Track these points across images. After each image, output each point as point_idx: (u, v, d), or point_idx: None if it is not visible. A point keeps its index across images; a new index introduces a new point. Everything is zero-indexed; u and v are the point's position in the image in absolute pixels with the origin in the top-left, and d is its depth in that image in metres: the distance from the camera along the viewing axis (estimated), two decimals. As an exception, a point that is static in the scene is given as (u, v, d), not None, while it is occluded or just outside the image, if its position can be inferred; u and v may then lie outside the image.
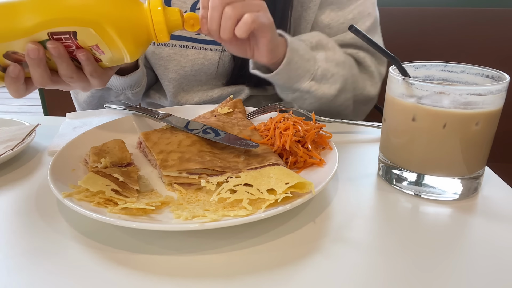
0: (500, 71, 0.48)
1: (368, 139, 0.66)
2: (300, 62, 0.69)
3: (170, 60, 0.81)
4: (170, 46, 0.80)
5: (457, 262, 0.39)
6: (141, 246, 0.41)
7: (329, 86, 0.73)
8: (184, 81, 0.83)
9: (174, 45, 0.80)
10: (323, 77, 0.71)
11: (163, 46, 0.81)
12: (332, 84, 0.73)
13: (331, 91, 0.73)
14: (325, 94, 0.72)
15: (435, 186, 0.48)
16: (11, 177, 0.55)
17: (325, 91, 0.72)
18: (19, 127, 0.66)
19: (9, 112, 3.48)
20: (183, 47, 0.80)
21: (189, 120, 0.61)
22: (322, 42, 0.74)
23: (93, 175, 0.48)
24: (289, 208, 0.41)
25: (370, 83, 0.83)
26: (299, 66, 0.69)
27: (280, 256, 0.39)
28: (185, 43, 0.80)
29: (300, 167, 0.53)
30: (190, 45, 0.80)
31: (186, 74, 0.82)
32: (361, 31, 0.51)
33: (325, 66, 0.71)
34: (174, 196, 0.48)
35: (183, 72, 0.82)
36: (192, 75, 0.82)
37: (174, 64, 0.81)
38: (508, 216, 0.46)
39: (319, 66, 0.71)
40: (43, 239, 0.42)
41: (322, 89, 0.72)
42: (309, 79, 0.71)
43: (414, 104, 0.46)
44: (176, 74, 0.82)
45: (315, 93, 0.72)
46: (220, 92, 0.84)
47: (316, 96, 0.72)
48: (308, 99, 0.73)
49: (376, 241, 0.42)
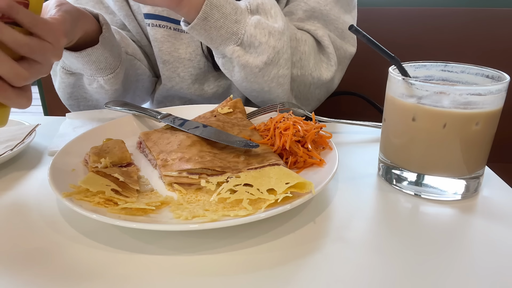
0: (500, 71, 0.48)
1: (368, 139, 0.66)
2: (222, 22, 0.64)
3: (164, 42, 0.81)
4: (165, 28, 0.80)
5: (457, 262, 0.39)
6: (141, 246, 0.41)
7: (256, 55, 0.67)
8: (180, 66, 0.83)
9: (168, 27, 0.80)
10: (250, 43, 0.66)
11: (157, 28, 0.80)
12: (260, 54, 0.67)
13: (256, 62, 0.67)
14: (249, 63, 0.67)
15: (435, 186, 0.48)
16: (11, 177, 0.55)
17: (250, 60, 0.67)
18: (19, 127, 0.66)
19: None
20: (177, 31, 0.80)
21: (189, 121, 0.61)
22: (265, 7, 0.68)
23: (93, 175, 0.48)
24: (289, 208, 0.41)
25: (325, 66, 0.78)
26: (221, 25, 0.64)
27: (280, 256, 0.39)
28: (179, 26, 0.80)
29: (300, 167, 0.53)
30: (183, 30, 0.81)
31: (180, 56, 0.82)
32: (361, 31, 0.51)
33: (253, 32, 0.66)
34: (174, 196, 0.48)
35: (177, 55, 0.82)
36: (187, 58, 0.82)
37: (168, 46, 0.81)
38: (508, 216, 0.46)
39: (246, 31, 0.65)
40: (43, 239, 0.42)
41: (246, 57, 0.67)
42: (235, 43, 0.66)
43: (414, 104, 0.46)
44: (169, 56, 0.82)
45: (239, 60, 0.67)
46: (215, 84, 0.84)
47: (240, 63, 0.67)
48: (236, 67, 0.68)
49: (376, 241, 0.42)
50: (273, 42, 0.67)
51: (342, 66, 0.83)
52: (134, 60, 0.81)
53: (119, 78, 0.73)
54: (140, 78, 0.84)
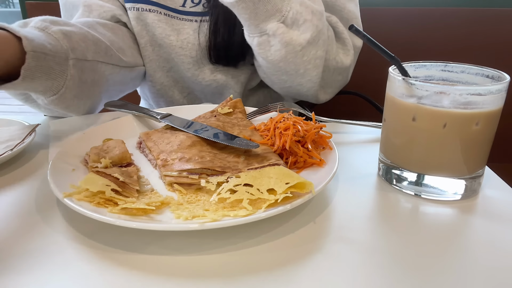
0: (500, 71, 0.48)
1: (368, 139, 0.66)
2: None
3: (156, 27, 0.80)
4: (155, 13, 0.79)
5: (457, 262, 0.39)
6: (141, 246, 0.41)
7: (299, 33, 0.66)
8: (172, 52, 0.82)
9: (159, 12, 0.80)
10: (294, 21, 0.65)
11: (147, 12, 0.79)
12: (303, 32, 0.66)
13: (299, 39, 0.66)
14: (293, 40, 0.66)
15: (435, 186, 0.48)
16: (11, 177, 0.55)
17: (294, 37, 0.66)
18: (19, 127, 0.66)
19: (9, 112, 3.48)
20: (168, 16, 0.80)
21: (189, 121, 0.61)
22: None
23: (93, 175, 0.48)
24: (289, 208, 0.41)
25: (342, 52, 0.78)
26: (268, 0, 0.63)
27: (280, 256, 0.39)
28: (169, 12, 0.79)
29: (300, 167, 0.53)
30: (175, 16, 0.80)
31: (172, 43, 0.81)
32: (362, 31, 0.51)
33: (298, 9, 0.65)
34: (174, 196, 0.48)
35: (168, 42, 0.81)
36: (179, 46, 0.81)
37: (160, 31, 0.80)
38: (508, 216, 0.46)
39: (291, 8, 0.65)
40: (43, 239, 0.42)
41: (290, 34, 0.65)
42: (278, 20, 0.65)
43: (414, 104, 0.46)
44: (162, 41, 0.81)
45: (282, 37, 0.65)
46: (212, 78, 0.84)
47: (283, 41, 0.65)
48: (275, 45, 0.67)
49: (376, 241, 0.42)
50: (316, 21, 0.66)
51: (354, 57, 0.82)
52: (96, 64, 0.70)
53: (66, 98, 0.64)
54: (109, 78, 0.74)
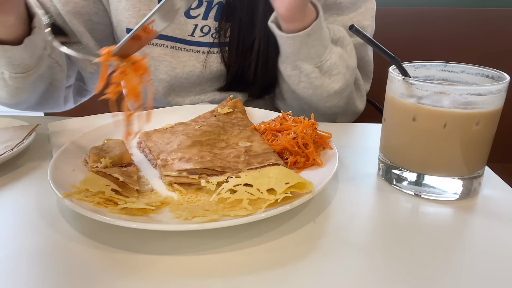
0: (500, 71, 0.48)
1: (368, 139, 0.66)
2: (318, 42, 0.67)
3: (161, 61, 0.79)
4: (162, 47, 0.78)
5: (457, 262, 0.39)
6: (141, 246, 0.41)
7: (330, 82, 0.71)
8: (175, 83, 0.81)
9: (165, 46, 0.78)
10: (328, 70, 0.70)
11: (154, 46, 0.78)
12: (333, 82, 0.71)
13: (328, 88, 0.71)
14: (322, 86, 0.71)
15: (435, 186, 0.48)
16: (11, 177, 0.55)
17: (324, 84, 0.71)
18: (19, 127, 0.66)
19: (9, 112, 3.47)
20: (174, 49, 0.78)
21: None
22: (344, 41, 0.73)
23: (93, 175, 0.48)
24: (289, 208, 0.41)
25: (358, 98, 0.83)
26: (315, 45, 0.67)
27: (280, 256, 0.39)
28: (177, 44, 0.78)
29: (300, 167, 0.53)
30: (182, 47, 0.78)
31: (177, 76, 0.80)
32: (362, 31, 0.51)
33: (336, 61, 0.70)
34: (174, 196, 0.48)
35: (173, 74, 0.80)
36: (184, 77, 0.80)
37: (165, 65, 0.79)
38: (508, 216, 0.46)
39: (330, 57, 0.69)
40: (43, 239, 0.42)
41: (321, 80, 0.70)
42: (315, 64, 0.69)
43: (414, 104, 0.46)
44: (166, 75, 0.80)
45: (314, 80, 0.70)
46: (212, 97, 0.82)
47: (313, 84, 0.71)
48: (304, 82, 0.71)
49: (376, 241, 0.42)
50: (348, 75, 0.73)
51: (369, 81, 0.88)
52: (55, 64, 0.74)
53: (28, 80, 0.67)
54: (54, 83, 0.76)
